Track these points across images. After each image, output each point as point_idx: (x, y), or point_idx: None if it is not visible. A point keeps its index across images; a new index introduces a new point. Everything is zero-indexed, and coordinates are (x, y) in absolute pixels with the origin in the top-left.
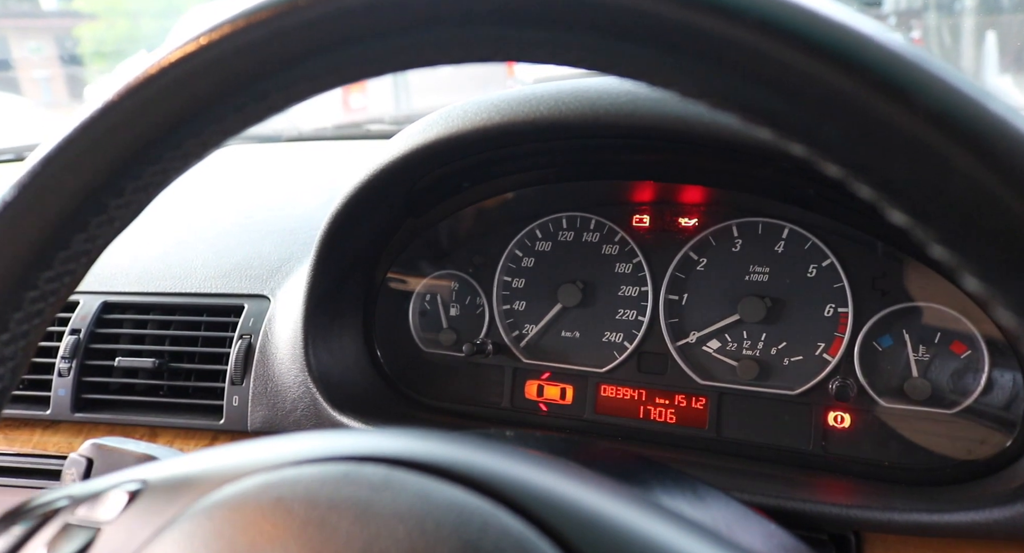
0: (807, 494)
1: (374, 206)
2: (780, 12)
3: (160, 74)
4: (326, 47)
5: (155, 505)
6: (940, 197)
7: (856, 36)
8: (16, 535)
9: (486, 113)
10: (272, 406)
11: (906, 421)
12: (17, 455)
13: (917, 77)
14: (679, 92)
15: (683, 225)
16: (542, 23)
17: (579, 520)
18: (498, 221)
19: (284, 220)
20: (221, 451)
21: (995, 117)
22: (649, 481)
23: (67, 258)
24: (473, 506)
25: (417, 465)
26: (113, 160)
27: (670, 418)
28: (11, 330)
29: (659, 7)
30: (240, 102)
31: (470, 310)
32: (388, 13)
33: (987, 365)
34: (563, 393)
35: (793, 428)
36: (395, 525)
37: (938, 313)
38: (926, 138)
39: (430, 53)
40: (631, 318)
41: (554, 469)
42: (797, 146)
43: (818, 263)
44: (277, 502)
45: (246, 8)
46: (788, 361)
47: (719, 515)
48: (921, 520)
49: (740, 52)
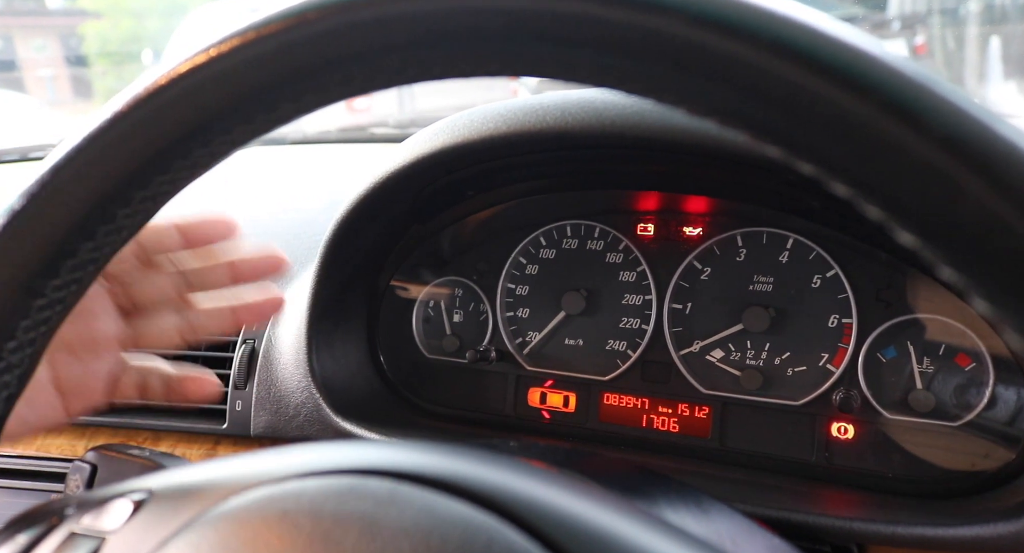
0: (810, 506)
1: (379, 213)
2: (791, 33)
3: (170, 85)
4: (335, 60)
5: (160, 515)
6: (949, 219)
7: (866, 58)
8: (21, 543)
9: (492, 122)
10: (275, 411)
11: (910, 433)
12: (20, 457)
13: (926, 100)
14: (688, 110)
15: (688, 234)
16: (550, 40)
17: (584, 536)
18: (502, 228)
19: (288, 224)
20: (227, 462)
21: (1004, 141)
22: (654, 495)
23: (74, 266)
24: (479, 522)
25: (423, 479)
26: (122, 170)
27: (673, 427)
28: (18, 338)
29: (669, 26)
30: (249, 113)
31: (474, 317)
32: (397, 28)
33: (991, 379)
34: (566, 401)
35: (796, 439)
36: (400, 540)
37: (943, 325)
38: (935, 161)
39: (439, 68)
40: (635, 326)
41: (560, 484)
42: (805, 166)
43: (822, 274)
44: (282, 515)
45: (256, 20)
46: (792, 371)
47: (723, 529)
48: (925, 533)
49: (750, 72)
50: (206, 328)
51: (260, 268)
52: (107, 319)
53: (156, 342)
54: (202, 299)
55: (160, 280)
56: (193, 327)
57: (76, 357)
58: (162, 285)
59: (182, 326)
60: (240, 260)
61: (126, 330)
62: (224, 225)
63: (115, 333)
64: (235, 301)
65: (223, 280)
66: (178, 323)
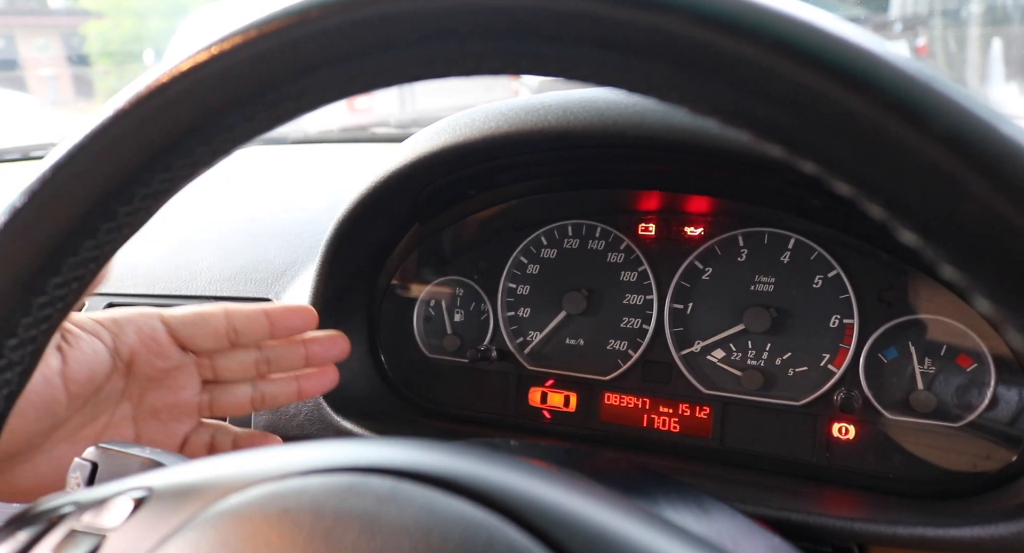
0: (811, 506)
1: (381, 212)
2: (794, 32)
3: (171, 83)
4: (337, 58)
5: (160, 513)
6: (951, 219)
7: (868, 55)
8: (21, 541)
9: (494, 122)
10: (275, 410)
11: (911, 434)
12: None
13: (928, 97)
14: (690, 109)
15: (689, 234)
16: (553, 38)
17: (585, 535)
18: (504, 228)
19: (289, 223)
20: (227, 459)
21: (1006, 139)
22: (655, 494)
23: (75, 264)
24: (479, 520)
25: (424, 477)
26: (123, 167)
27: (674, 427)
28: (19, 335)
29: (671, 25)
30: (251, 111)
31: (474, 316)
32: (399, 26)
33: (993, 379)
34: (567, 400)
35: (797, 439)
36: (401, 538)
37: (944, 326)
38: (937, 159)
39: (440, 65)
40: (636, 326)
41: (561, 483)
42: (807, 164)
43: (824, 274)
44: (283, 513)
45: (258, 18)
46: (793, 372)
47: (724, 529)
48: (926, 534)
49: (752, 71)
50: (274, 397)
51: (329, 350)
52: (192, 389)
53: (229, 409)
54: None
55: (244, 358)
56: (264, 396)
57: (160, 421)
58: (244, 362)
59: (254, 396)
60: (313, 339)
61: (205, 398)
62: (307, 316)
63: (196, 401)
64: (298, 372)
65: (298, 360)
66: (251, 393)
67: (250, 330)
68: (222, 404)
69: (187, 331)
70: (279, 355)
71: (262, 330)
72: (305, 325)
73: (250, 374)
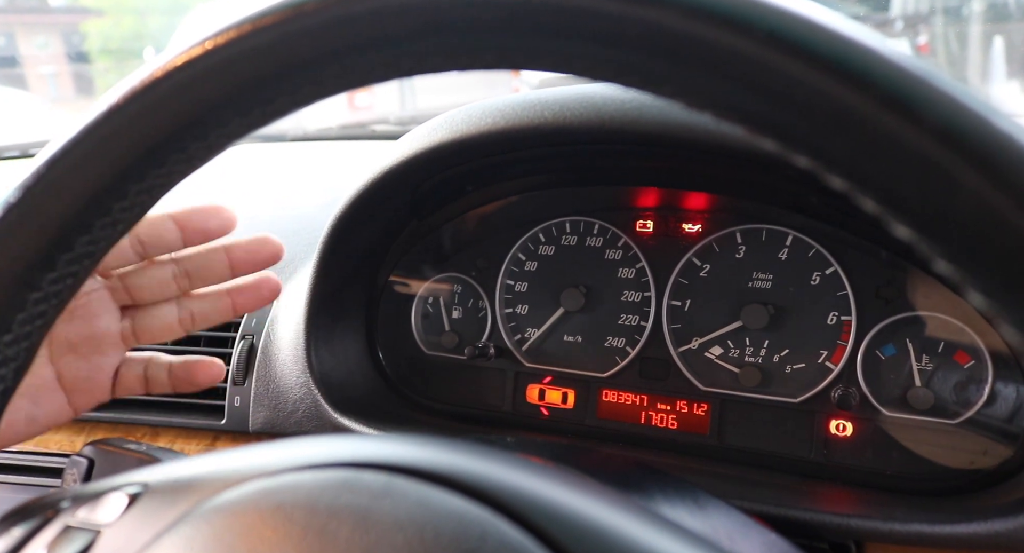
0: (808, 503)
1: (378, 208)
2: (788, 25)
3: (165, 78)
4: (332, 53)
5: (155, 508)
6: (945, 213)
7: (863, 49)
8: (16, 536)
9: (491, 118)
10: (274, 407)
11: (908, 431)
12: (19, 452)
13: (923, 91)
14: (685, 103)
15: (687, 231)
16: (549, 33)
17: (579, 530)
18: (501, 225)
19: (287, 220)
20: (222, 455)
21: (1001, 133)
22: (650, 490)
23: (70, 260)
24: (473, 515)
25: (418, 473)
26: (118, 163)
27: (672, 424)
28: (14, 331)
29: (666, 19)
30: (246, 106)
31: (472, 313)
32: (394, 20)
33: (991, 376)
34: (564, 397)
35: (795, 436)
36: (394, 533)
37: (942, 323)
38: (932, 154)
39: (436, 60)
40: (633, 323)
41: (555, 478)
42: (802, 159)
43: (822, 271)
44: (277, 508)
45: (253, 13)
46: (791, 369)
47: (720, 525)
48: (923, 530)
49: (747, 65)
50: (205, 316)
51: (256, 255)
52: (108, 316)
53: (158, 335)
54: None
55: (159, 274)
56: (193, 316)
57: (80, 355)
58: (161, 279)
59: (182, 316)
60: (235, 245)
61: (127, 325)
62: (221, 216)
63: (117, 329)
64: (231, 286)
65: (221, 270)
66: (178, 314)
67: (158, 239)
68: (147, 329)
69: None
70: (198, 265)
71: (172, 237)
72: (221, 226)
73: (171, 291)
